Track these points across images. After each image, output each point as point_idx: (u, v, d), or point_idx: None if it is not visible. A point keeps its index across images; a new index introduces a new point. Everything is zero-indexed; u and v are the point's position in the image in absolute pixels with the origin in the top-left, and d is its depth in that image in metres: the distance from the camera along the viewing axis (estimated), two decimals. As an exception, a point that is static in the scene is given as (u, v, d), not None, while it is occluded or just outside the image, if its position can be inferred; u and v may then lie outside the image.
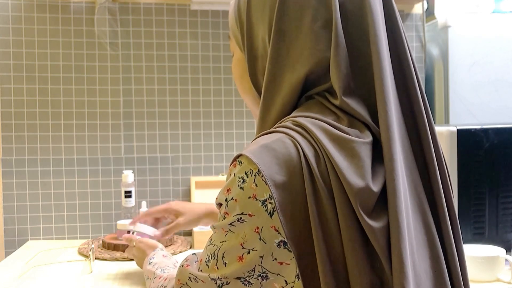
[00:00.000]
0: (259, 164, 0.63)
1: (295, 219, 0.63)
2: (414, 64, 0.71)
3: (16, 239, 1.73)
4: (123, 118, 1.78)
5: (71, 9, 1.75)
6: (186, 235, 1.80)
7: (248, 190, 0.64)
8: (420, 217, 0.66)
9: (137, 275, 1.32)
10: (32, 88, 1.73)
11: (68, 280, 1.29)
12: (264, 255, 0.64)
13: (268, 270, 0.65)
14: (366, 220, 0.61)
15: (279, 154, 0.64)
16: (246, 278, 0.66)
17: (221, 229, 0.68)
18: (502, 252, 1.26)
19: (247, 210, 0.65)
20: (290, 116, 0.70)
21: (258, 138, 0.70)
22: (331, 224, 0.62)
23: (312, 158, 0.64)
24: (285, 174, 0.63)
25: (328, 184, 0.63)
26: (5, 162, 1.72)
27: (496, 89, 1.81)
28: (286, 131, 0.67)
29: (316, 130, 0.65)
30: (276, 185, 0.63)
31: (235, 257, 0.66)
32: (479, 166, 1.36)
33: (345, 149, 0.64)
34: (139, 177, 1.79)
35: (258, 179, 0.64)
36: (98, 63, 1.76)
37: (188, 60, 1.82)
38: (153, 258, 1.07)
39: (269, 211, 0.63)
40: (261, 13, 0.75)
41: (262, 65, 0.76)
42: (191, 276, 0.71)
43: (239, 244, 0.65)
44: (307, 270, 0.63)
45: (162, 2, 1.80)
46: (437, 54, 1.89)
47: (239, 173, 0.66)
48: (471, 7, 1.85)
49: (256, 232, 0.64)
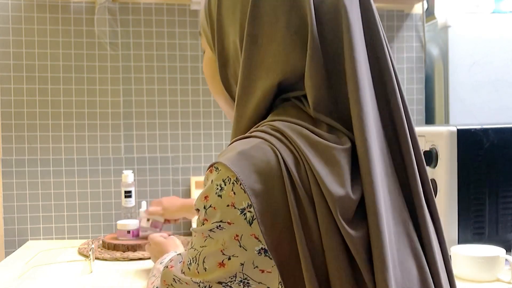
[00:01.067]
0: (237, 172, 0.62)
1: (276, 227, 0.62)
2: (394, 66, 0.69)
3: (16, 239, 1.73)
4: (123, 118, 1.78)
5: (71, 9, 1.75)
6: (186, 235, 1.80)
7: (227, 198, 0.63)
8: (401, 227, 0.65)
9: (137, 275, 1.33)
10: (32, 88, 1.73)
11: (68, 280, 1.29)
12: (245, 262, 0.64)
13: (249, 277, 0.64)
14: (346, 229, 0.60)
15: (258, 162, 0.63)
16: (227, 283, 0.65)
17: (200, 234, 0.67)
18: (502, 252, 1.26)
19: (226, 218, 0.63)
20: (266, 120, 0.69)
21: (235, 143, 0.68)
22: (313, 232, 0.61)
23: (292, 165, 0.62)
24: (264, 182, 0.62)
25: (308, 191, 0.62)
26: (5, 162, 1.72)
27: (496, 89, 1.81)
28: (264, 136, 0.66)
29: (295, 135, 0.64)
30: (256, 194, 0.61)
31: (215, 263, 0.65)
32: (479, 166, 1.36)
33: (324, 156, 0.63)
34: (139, 177, 1.79)
35: (236, 187, 0.62)
36: (98, 63, 1.77)
37: (188, 60, 1.82)
38: (165, 258, 1.07)
39: (248, 220, 0.62)
40: (232, 15, 0.72)
41: (233, 69, 0.75)
42: (175, 278, 0.71)
43: (219, 251, 0.65)
44: (289, 278, 0.62)
45: (162, 2, 1.80)
46: (437, 54, 1.89)
47: (216, 180, 0.65)
48: (471, 7, 1.85)
49: (235, 239, 0.63)
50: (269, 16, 0.69)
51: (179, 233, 1.81)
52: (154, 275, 0.97)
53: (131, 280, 1.29)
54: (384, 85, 0.68)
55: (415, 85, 1.95)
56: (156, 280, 0.92)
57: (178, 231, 1.81)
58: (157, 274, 0.97)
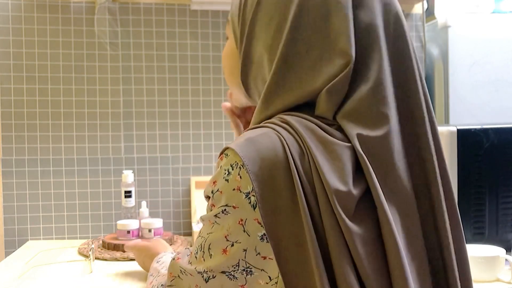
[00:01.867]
0: (243, 157, 0.64)
1: (278, 213, 0.63)
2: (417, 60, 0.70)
3: (16, 239, 1.73)
4: (123, 118, 1.78)
5: (71, 9, 1.75)
6: (186, 235, 1.80)
7: (233, 182, 0.65)
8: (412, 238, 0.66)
9: (137, 275, 1.33)
10: (32, 88, 1.73)
11: (68, 280, 1.29)
12: (247, 249, 0.65)
13: (252, 265, 0.65)
14: (346, 222, 0.61)
15: (264, 148, 0.64)
16: (231, 272, 0.66)
17: (208, 221, 0.69)
18: (502, 252, 1.26)
19: (231, 202, 0.65)
20: (278, 115, 0.71)
21: (246, 131, 0.70)
22: (317, 221, 0.62)
23: (296, 154, 0.64)
24: (269, 169, 0.63)
25: (311, 183, 0.63)
26: (5, 162, 1.72)
27: (496, 89, 1.81)
28: (272, 126, 0.68)
29: (302, 128, 0.66)
30: (259, 179, 0.63)
31: (219, 249, 0.66)
32: (479, 166, 1.36)
33: (328, 151, 0.64)
34: (139, 177, 1.79)
35: (242, 171, 0.64)
36: (98, 63, 1.77)
37: (188, 60, 1.82)
38: (161, 257, 1.07)
39: (252, 204, 0.64)
40: (267, 25, 0.73)
41: (255, 73, 0.76)
42: (181, 269, 0.72)
43: (224, 236, 0.66)
44: (285, 264, 0.63)
45: (162, 2, 1.80)
46: (437, 54, 1.89)
47: (225, 165, 0.66)
48: (471, 7, 1.85)
49: (240, 224, 0.65)
50: (305, 42, 0.70)
51: (179, 233, 1.81)
52: (152, 275, 0.97)
53: (131, 280, 1.29)
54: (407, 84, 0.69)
55: (415, 85, 1.95)
56: (154, 280, 0.92)
57: (178, 231, 1.82)
58: (154, 273, 0.97)
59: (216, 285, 0.68)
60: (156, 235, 1.57)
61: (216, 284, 0.68)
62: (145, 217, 1.65)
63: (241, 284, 0.67)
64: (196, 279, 0.69)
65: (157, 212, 1.80)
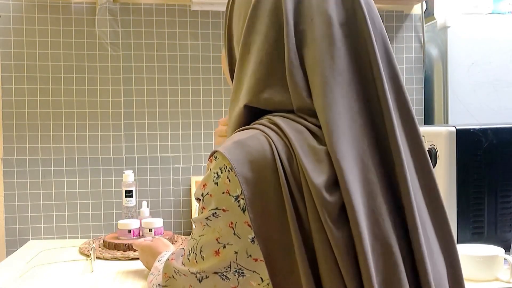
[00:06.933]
0: (231, 160, 0.64)
1: (266, 216, 0.63)
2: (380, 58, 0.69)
3: (17, 238, 1.73)
4: (124, 118, 1.79)
5: (72, 9, 1.75)
6: (186, 234, 1.80)
7: (222, 185, 0.65)
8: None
9: (138, 275, 1.33)
10: (33, 88, 1.74)
11: (69, 280, 1.30)
12: (238, 251, 0.65)
13: (243, 267, 0.65)
14: (330, 226, 0.61)
15: (253, 151, 0.64)
16: (223, 273, 0.66)
17: (199, 223, 0.69)
18: (501, 252, 1.26)
19: (221, 205, 0.65)
20: (268, 115, 0.71)
21: (235, 133, 0.70)
22: (305, 222, 0.62)
23: (285, 157, 0.64)
24: (257, 171, 0.63)
25: (299, 185, 0.63)
26: (7, 161, 1.73)
27: (495, 89, 1.82)
28: (261, 128, 0.67)
29: (290, 130, 0.65)
30: (247, 182, 0.63)
31: (211, 251, 0.67)
32: (478, 166, 1.36)
33: (314, 154, 0.64)
34: (139, 176, 1.80)
35: (231, 174, 0.64)
36: (99, 64, 1.77)
37: (188, 61, 1.82)
38: (163, 256, 1.08)
39: (241, 207, 0.64)
40: (237, 25, 0.75)
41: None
42: (175, 270, 0.72)
43: (215, 239, 0.66)
44: (275, 266, 0.63)
45: (163, 3, 1.80)
46: (436, 54, 1.90)
47: (214, 168, 0.66)
48: (470, 8, 1.86)
49: (230, 227, 0.65)
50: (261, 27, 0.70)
51: (180, 232, 1.82)
52: (153, 274, 0.98)
53: (132, 280, 1.30)
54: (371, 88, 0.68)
55: (414, 85, 1.95)
56: (154, 279, 0.93)
57: (178, 231, 1.82)
58: (155, 272, 0.98)
59: (209, 285, 0.68)
60: (157, 235, 1.58)
61: (210, 284, 0.68)
62: (146, 216, 1.66)
63: (233, 285, 0.67)
64: (190, 279, 0.69)
65: (157, 211, 1.81)
